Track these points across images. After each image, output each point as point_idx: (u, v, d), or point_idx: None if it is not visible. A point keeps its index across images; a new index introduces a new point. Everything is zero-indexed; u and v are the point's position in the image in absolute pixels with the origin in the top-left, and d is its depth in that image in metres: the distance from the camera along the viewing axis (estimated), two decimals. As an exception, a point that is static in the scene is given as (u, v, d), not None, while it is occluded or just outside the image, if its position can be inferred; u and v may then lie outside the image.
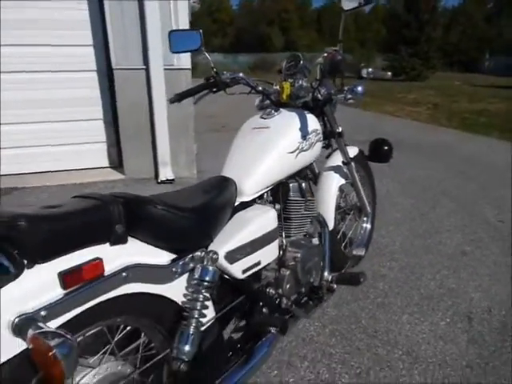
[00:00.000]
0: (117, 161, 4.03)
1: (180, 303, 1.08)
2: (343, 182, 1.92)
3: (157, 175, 3.82)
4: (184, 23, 3.48)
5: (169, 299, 1.06)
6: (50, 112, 3.81)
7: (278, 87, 1.67)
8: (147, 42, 3.43)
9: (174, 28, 3.50)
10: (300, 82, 1.63)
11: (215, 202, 1.20)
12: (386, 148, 2.16)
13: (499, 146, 5.72)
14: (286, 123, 1.51)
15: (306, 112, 1.59)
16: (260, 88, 1.71)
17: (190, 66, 3.68)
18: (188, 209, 1.08)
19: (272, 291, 1.38)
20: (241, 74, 1.68)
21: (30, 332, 0.71)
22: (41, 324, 0.74)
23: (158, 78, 3.50)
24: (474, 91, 13.33)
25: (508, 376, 1.56)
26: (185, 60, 3.63)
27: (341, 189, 1.95)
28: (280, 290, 1.40)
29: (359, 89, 1.66)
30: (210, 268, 1.08)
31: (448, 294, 2.09)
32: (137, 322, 1.06)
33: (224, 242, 1.19)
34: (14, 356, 0.75)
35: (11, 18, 3.46)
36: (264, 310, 1.36)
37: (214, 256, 1.10)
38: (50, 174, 3.91)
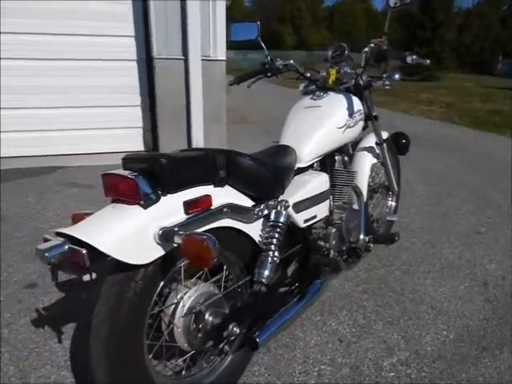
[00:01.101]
0: (151, 145, 4.30)
1: (257, 241, 1.34)
2: (375, 161, 2.16)
3: (190, 159, 4.07)
4: (221, 18, 3.74)
5: (250, 237, 1.32)
6: (90, 98, 4.07)
7: (324, 73, 1.92)
8: (187, 34, 3.69)
9: (212, 21, 3.77)
10: (345, 68, 1.88)
11: (284, 162, 1.47)
12: (404, 141, 2.37)
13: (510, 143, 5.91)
14: (336, 103, 1.76)
15: (350, 95, 1.84)
16: (308, 74, 1.97)
17: (225, 58, 3.95)
18: (268, 164, 1.34)
19: (322, 243, 1.63)
20: (291, 62, 1.95)
21: (179, 236, 0.97)
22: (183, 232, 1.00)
23: (196, 67, 3.76)
24: (486, 92, 13.45)
25: (519, 328, 1.81)
26: (220, 52, 3.89)
27: (371, 169, 2.19)
28: (328, 244, 1.64)
29: (396, 76, 1.88)
30: (284, 212, 1.34)
31: (466, 265, 2.34)
32: (223, 254, 1.31)
33: (291, 195, 1.45)
34: (159, 257, 1.02)
35: (57, 8, 3.74)
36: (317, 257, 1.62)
37: (286, 204, 1.36)
38: (89, 155, 4.18)
